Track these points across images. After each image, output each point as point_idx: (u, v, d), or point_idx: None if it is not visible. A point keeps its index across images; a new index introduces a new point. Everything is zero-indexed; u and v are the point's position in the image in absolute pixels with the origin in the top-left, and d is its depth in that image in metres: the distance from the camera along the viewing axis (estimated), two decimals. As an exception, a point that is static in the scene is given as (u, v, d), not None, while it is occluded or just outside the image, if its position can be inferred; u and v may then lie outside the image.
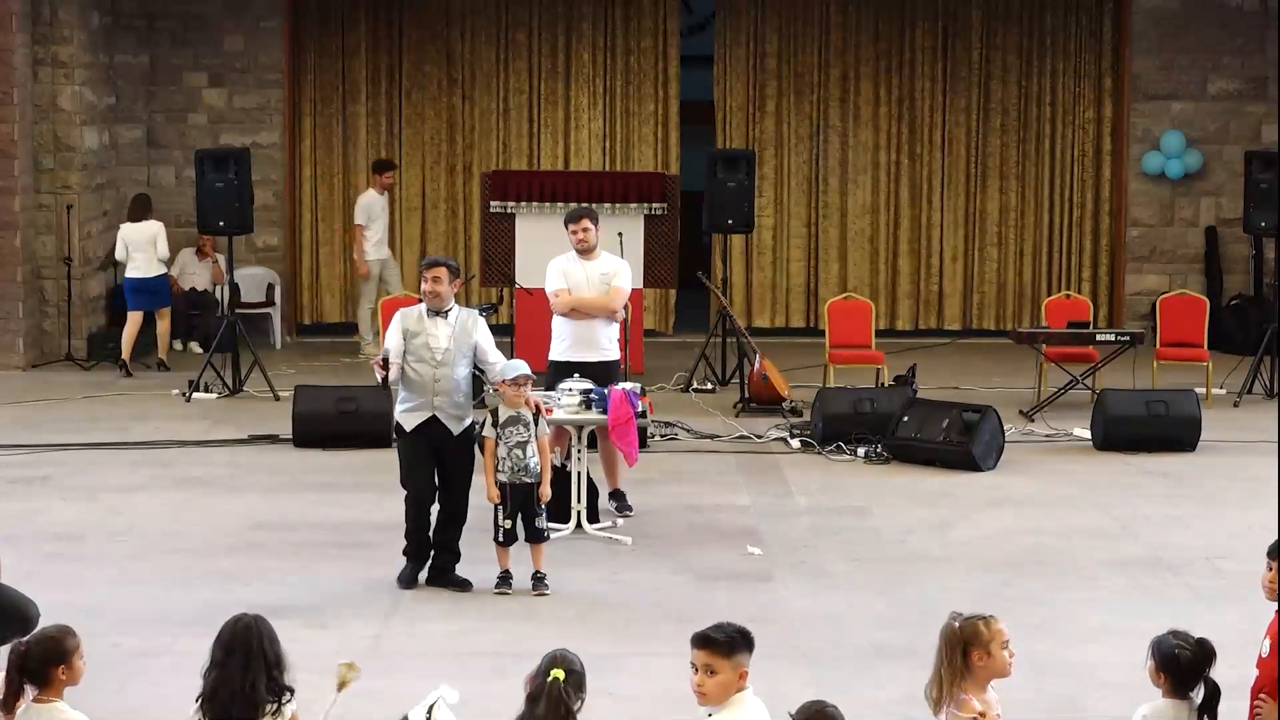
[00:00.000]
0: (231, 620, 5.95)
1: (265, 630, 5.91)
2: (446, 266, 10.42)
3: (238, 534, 11.49)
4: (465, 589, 10.24)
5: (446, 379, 10.25)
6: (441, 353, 10.25)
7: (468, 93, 19.88)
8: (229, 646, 5.86)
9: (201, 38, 19.28)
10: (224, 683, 5.81)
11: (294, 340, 19.60)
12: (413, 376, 10.28)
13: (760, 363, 15.55)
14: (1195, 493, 12.84)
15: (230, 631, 5.90)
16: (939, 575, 10.60)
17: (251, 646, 5.85)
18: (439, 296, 10.32)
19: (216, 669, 5.84)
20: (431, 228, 19.96)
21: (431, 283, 10.32)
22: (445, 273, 10.37)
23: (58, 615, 9.05)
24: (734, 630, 5.60)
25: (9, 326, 17.45)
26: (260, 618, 5.96)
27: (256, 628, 5.91)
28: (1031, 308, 19.70)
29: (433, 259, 10.63)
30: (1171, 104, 19.65)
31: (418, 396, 10.31)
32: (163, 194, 19.21)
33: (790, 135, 20.07)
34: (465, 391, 10.39)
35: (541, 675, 5.51)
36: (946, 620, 5.91)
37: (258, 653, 5.85)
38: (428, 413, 10.28)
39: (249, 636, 5.87)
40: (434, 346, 10.26)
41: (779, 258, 20.18)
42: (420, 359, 10.26)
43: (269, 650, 5.88)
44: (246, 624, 5.91)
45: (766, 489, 12.90)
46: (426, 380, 10.26)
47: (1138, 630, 9.55)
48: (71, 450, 13.93)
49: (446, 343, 10.26)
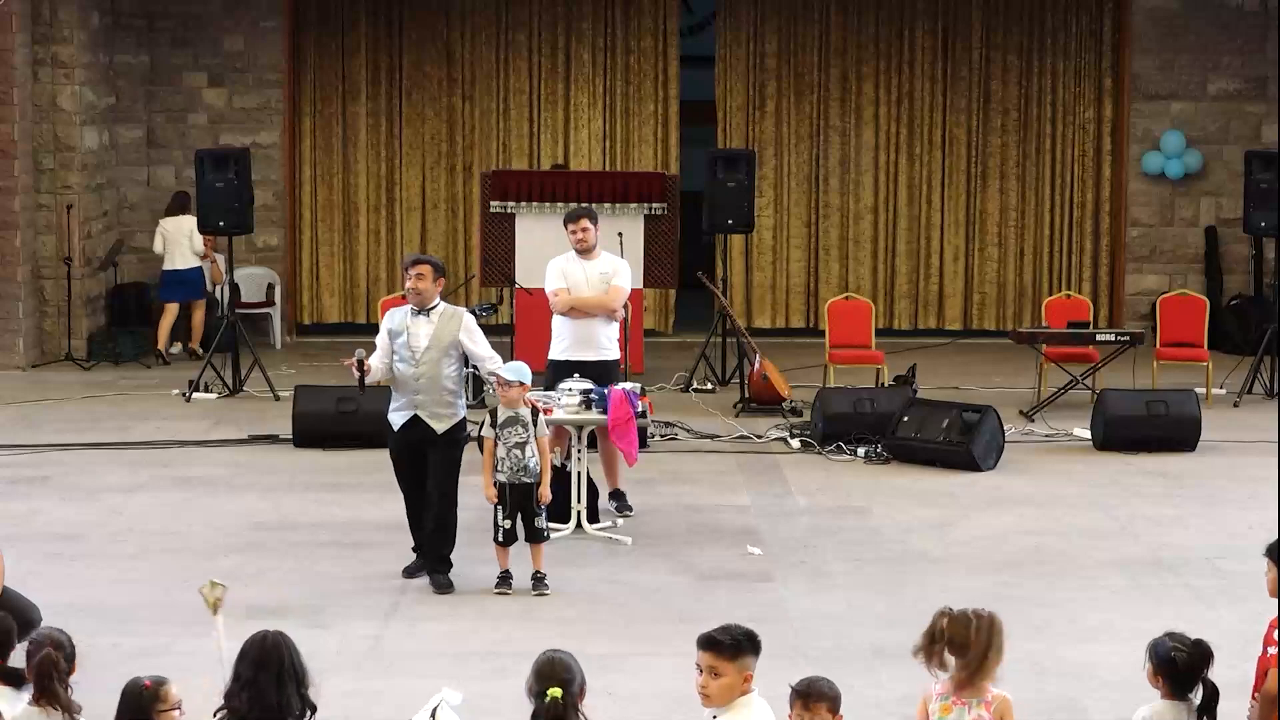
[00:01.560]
0: (259, 637, 5.88)
1: (291, 645, 5.88)
2: (430, 264, 10.39)
3: (238, 534, 11.49)
4: (445, 589, 10.24)
5: (426, 377, 10.25)
6: (421, 351, 10.25)
7: (468, 93, 19.88)
8: (260, 663, 5.79)
9: (201, 38, 19.28)
10: (257, 700, 5.74)
11: (294, 340, 19.61)
12: (397, 375, 10.34)
13: (760, 363, 15.55)
14: (1195, 493, 12.84)
15: (259, 648, 5.83)
16: (939, 575, 10.60)
17: (283, 662, 5.81)
18: (420, 294, 10.29)
19: (248, 687, 5.77)
20: (431, 228, 19.96)
21: (415, 280, 10.29)
22: (429, 270, 10.34)
23: (58, 615, 9.06)
24: (740, 633, 5.59)
25: (9, 326, 17.46)
26: (283, 633, 5.92)
27: (285, 644, 5.86)
28: (1031, 308, 19.70)
29: (415, 256, 10.62)
30: (1171, 104, 19.65)
31: (401, 395, 10.37)
32: (163, 194, 19.21)
33: (790, 135, 20.07)
34: (451, 390, 10.34)
35: (538, 696, 5.47)
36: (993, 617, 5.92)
37: (289, 669, 5.81)
38: (410, 411, 10.31)
39: (279, 653, 5.82)
40: (414, 346, 10.27)
41: (779, 258, 20.18)
42: (402, 358, 10.29)
43: (298, 665, 5.85)
44: (275, 640, 5.86)
45: (766, 489, 12.90)
46: (408, 379, 10.28)
47: (1138, 630, 9.55)
48: (71, 450, 13.93)
49: (426, 341, 10.26)
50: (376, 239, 20.00)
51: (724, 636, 5.55)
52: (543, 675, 5.53)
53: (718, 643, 5.54)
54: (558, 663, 5.56)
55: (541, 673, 5.54)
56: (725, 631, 5.58)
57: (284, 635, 5.91)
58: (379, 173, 19.92)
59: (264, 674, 5.77)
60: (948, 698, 5.90)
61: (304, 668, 5.88)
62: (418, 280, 10.28)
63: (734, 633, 5.57)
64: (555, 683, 5.46)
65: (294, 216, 19.86)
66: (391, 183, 19.94)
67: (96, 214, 18.53)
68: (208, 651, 5.93)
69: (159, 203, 19.19)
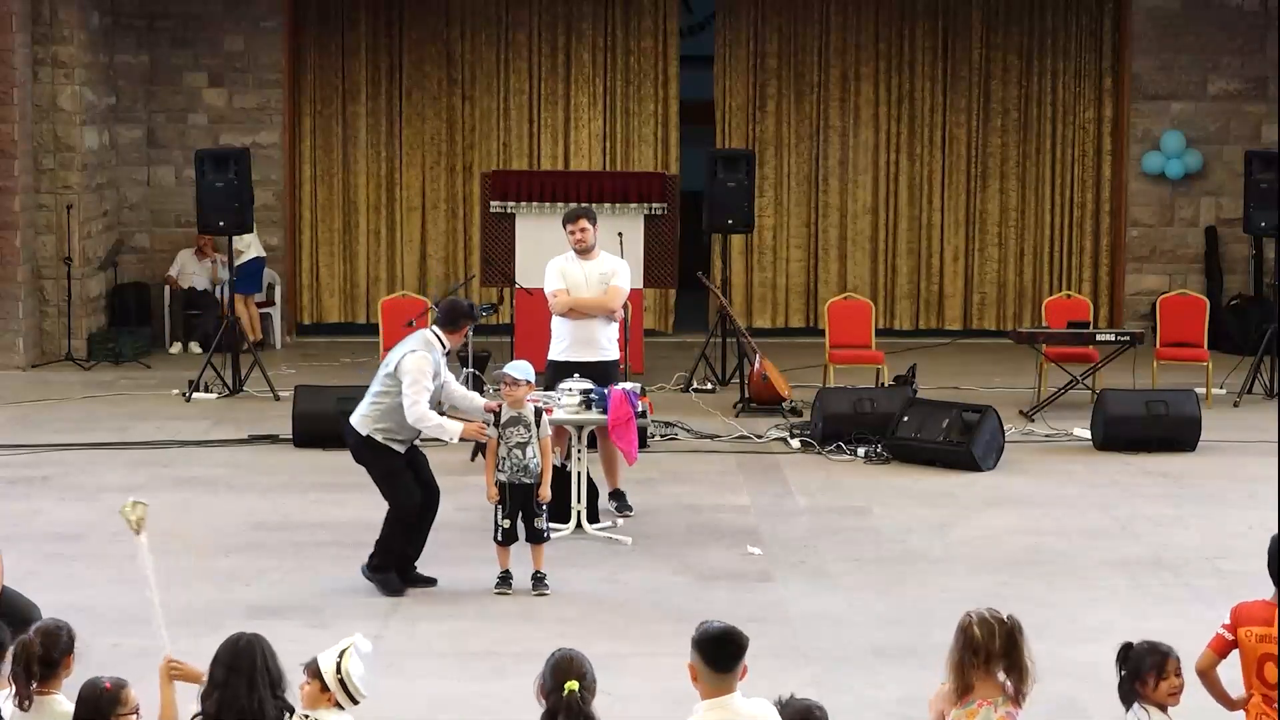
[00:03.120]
0: (231, 639, 5.85)
1: (266, 648, 5.83)
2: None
3: (238, 534, 11.49)
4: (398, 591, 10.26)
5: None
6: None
7: (468, 93, 19.88)
8: (231, 665, 5.75)
9: (201, 38, 19.27)
10: (229, 703, 5.70)
11: (294, 340, 19.61)
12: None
13: (760, 363, 15.55)
14: (1195, 493, 12.84)
15: (232, 651, 5.79)
16: (939, 575, 10.60)
17: (255, 664, 5.76)
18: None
19: (219, 689, 5.72)
20: (431, 228, 19.96)
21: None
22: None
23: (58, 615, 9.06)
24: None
25: (9, 326, 17.46)
26: (259, 635, 5.89)
27: (259, 645, 5.82)
28: (1031, 308, 19.70)
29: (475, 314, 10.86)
30: (1171, 104, 19.65)
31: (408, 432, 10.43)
32: (163, 194, 19.23)
33: (790, 135, 20.07)
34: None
35: (556, 690, 5.49)
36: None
37: (261, 670, 5.76)
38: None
39: (252, 654, 5.78)
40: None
41: (779, 258, 20.18)
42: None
43: (272, 668, 5.81)
44: (248, 642, 5.82)
45: (766, 489, 12.90)
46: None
47: (1138, 630, 9.55)
48: (71, 450, 13.93)
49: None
50: (376, 239, 20.00)
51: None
52: (560, 670, 5.55)
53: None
54: (574, 659, 5.59)
55: (559, 667, 5.56)
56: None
57: (259, 637, 5.86)
58: (379, 173, 19.92)
59: (237, 677, 5.72)
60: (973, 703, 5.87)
61: (279, 670, 5.83)
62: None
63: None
64: (572, 677, 5.49)
65: (294, 216, 19.86)
66: (391, 183, 19.94)
67: (96, 214, 18.53)
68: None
69: (159, 203, 19.21)
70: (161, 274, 19.12)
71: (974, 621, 5.89)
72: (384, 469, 10.27)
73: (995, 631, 5.86)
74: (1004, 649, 5.85)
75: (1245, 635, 6.46)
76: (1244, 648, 6.46)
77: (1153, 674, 6.12)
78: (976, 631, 5.87)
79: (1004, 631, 5.87)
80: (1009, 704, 5.87)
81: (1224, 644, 6.53)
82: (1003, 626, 5.88)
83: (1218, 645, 6.55)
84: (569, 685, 5.45)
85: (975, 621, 5.89)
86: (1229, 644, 6.52)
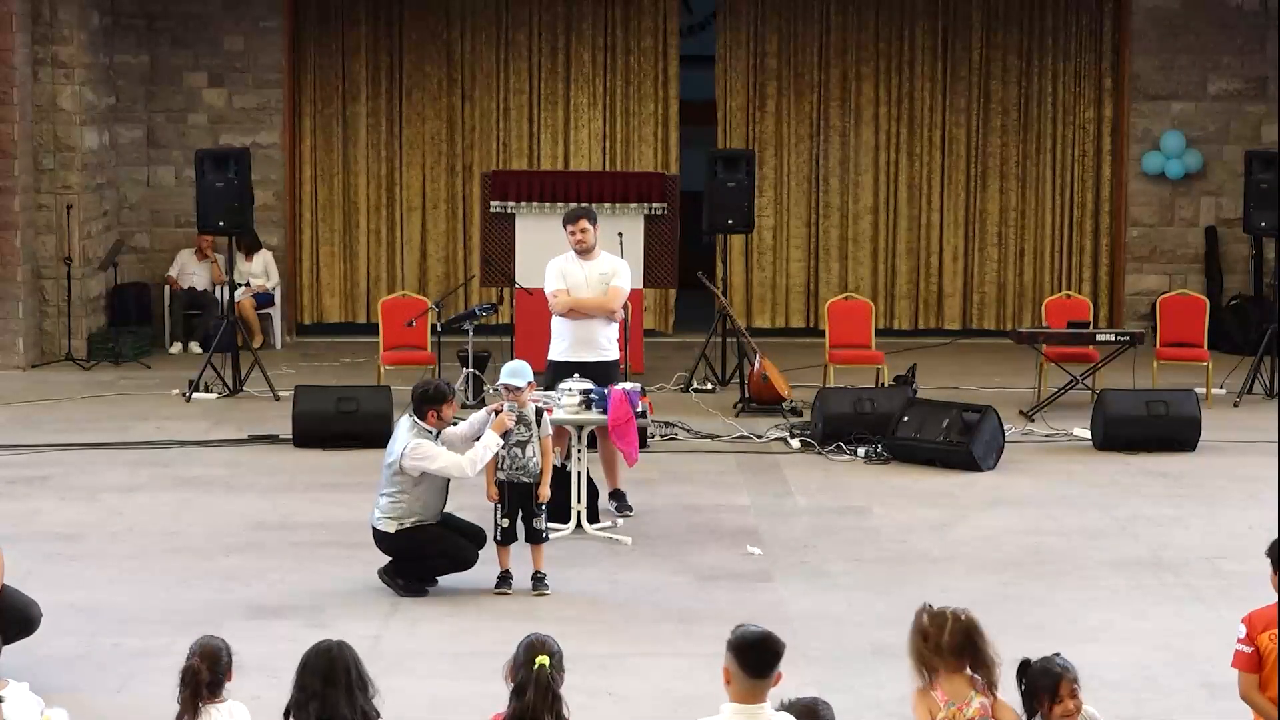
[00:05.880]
0: (322, 649, 5.80)
1: (354, 655, 5.81)
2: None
3: (238, 534, 11.48)
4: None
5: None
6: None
7: (468, 93, 19.88)
8: (328, 677, 5.71)
9: (201, 38, 19.27)
10: (331, 715, 5.67)
11: (294, 340, 19.61)
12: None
13: (760, 363, 15.55)
14: (1195, 493, 12.83)
15: (326, 661, 5.75)
16: (939, 575, 10.59)
17: (351, 674, 5.74)
18: None
19: (317, 700, 5.68)
20: (431, 228, 19.96)
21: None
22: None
23: (58, 615, 9.08)
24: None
25: (9, 326, 17.45)
26: (344, 642, 5.85)
27: (351, 654, 5.80)
28: (1031, 308, 19.70)
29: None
30: (1171, 104, 19.65)
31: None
32: (163, 194, 19.22)
33: (790, 135, 20.07)
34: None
35: (525, 665, 5.53)
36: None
37: (356, 680, 5.75)
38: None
39: (346, 664, 5.75)
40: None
41: (779, 258, 20.18)
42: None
43: (364, 675, 5.80)
44: (342, 650, 5.79)
45: (766, 489, 12.90)
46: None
47: (1138, 630, 9.58)
48: (71, 450, 13.93)
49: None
50: (377, 239, 19.99)
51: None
52: (532, 649, 5.67)
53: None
54: (545, 641, 5.71)
55: (531, 647, 5.68)
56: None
57: (345, 644, 5.83)
58: (379, 173, 19.92)
59: (334, 689, 5.68)
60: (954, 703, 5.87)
61: (368, 676, 5.81)
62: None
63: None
64: (543, 652, 5.59)
65: (294, 216, 19.85)
66: (391, 183, 19.94)
67: (96, 214, 18.53)
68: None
69: (159, 203, 19.20)
70: (161, 274, 19.12)
71: (925, 609, 5.94)
72: (434, 547, 10.20)
73: (947, 625, 5.85)
74: (960, 646, 5.83)
75: (1267, 640, 6.40)
76: (1265, 653, 6.41)
77: (1045, 696, 5.88)
78: (924, 619, 5.91)
79: (958, 628, 5.85)
80: (981, 695, 5.86)
81: (1249, 659, 6.45)
82: (957, 622, 5.87)
83: (1244, 663, 6.47)
84: (539, 659, 5.50)
85: (925, 610, 5.94)
86: (1253, 657, 6.44)
